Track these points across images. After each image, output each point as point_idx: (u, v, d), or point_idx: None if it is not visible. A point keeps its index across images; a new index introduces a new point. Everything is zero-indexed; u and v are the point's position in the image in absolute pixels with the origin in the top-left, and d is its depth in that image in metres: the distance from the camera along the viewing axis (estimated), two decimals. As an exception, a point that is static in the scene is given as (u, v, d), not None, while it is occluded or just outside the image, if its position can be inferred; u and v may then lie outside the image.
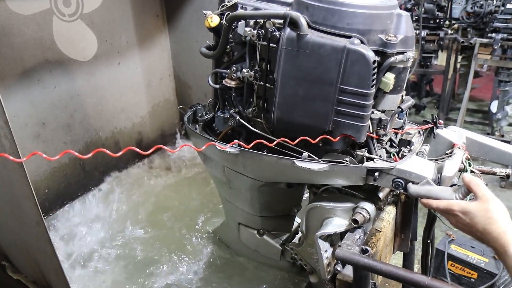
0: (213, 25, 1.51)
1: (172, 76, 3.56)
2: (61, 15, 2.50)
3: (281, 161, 1.41)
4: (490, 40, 4.77)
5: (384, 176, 1.36)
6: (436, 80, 6.67)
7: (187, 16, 3.23)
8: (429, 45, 5.78)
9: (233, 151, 1.47)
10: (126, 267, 2.27)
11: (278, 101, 1.41)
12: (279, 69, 1.37)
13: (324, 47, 1.29)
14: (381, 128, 1.45)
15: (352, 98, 1.31)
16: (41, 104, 2.55)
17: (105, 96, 2.99)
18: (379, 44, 1.33)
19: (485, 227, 1.12)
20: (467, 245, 2.95)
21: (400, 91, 1.45)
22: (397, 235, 1.89)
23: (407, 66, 1.41)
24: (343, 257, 1.33)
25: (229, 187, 1.77)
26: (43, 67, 2.50)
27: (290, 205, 1.89)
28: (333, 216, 1.48)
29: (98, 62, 2.85)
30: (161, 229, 2.57)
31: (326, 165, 1.37)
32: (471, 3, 5.28)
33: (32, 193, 1.40)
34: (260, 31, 1.39)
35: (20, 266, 1.97)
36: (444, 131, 1.67)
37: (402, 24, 1.36)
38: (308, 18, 1.32)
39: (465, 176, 1.23)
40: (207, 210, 2.72)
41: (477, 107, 6.86)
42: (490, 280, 2.76)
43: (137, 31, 3.10)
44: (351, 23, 1.29)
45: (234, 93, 1.55)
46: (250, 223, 1.91)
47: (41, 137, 2.59)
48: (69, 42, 2.60)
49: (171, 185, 3.10)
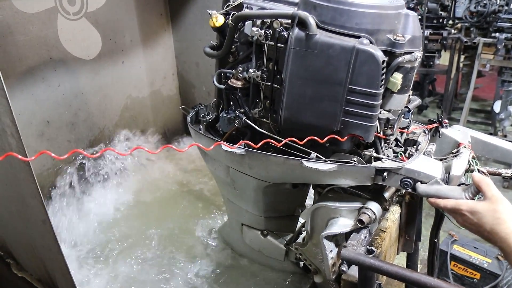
0: (218, 24, 1.51)
1: (176, 74, 3.56)
2: (66, 13, 2.50)
3: (289, 161, 1.41)
4: (494, 40, 4.76)
5: (393, 176, 1.35)
6: (439, 79, 6.66)
7: (191, 15, 3.23)
8: (432, 45, 5.77)
9: (240, 151, 1.47)
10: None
11: (286, 101, 1.41)
12: (287, 69, 1.37)
13: (333, 47, 1.28)
14: (388, 128, 1.45)
15: (361, 98, 1.31)
16: (45, 103, 2.55)
17: (109, 95, 2.99)
18: (387, 44, 1.32)
19: (493, 227, 1.12)
20: (470, 246, 2.94)
21: (407, 91, 1.45)
22: (402, 235, 1.89)
23: (415, 66, 1.41)
24: (349, 257, 1.32)
25: (233, 187, 1.76)
26: (48, 65, 2.50)
27: (294, 205, 1.89)
28: (338, 216, 1.48)
29: (102, 61, 2.85)
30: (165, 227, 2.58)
31: (334, 165, 1.36)
32: (474, 2, 5.27)
33: (38, 192, 1.41)
34: (268, 31, 1.39)
35: (25, 264, 1.97)
36: (449, 130, 1.67)
37: (410, 24, 1.35)
38: (316, 18, 1.32)
39: (474, 176, 1.23)
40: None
41: (480, 107, 6.86)
42: (493, 281, 2.75)
43: (141, 30, 3.10)
44: (359, 23, 1.29)
45: (240, 94, 1.55)
46: (254, 224, 1.90)
47: (45, 135, 2.60)
48: (74, 40, 2.61)
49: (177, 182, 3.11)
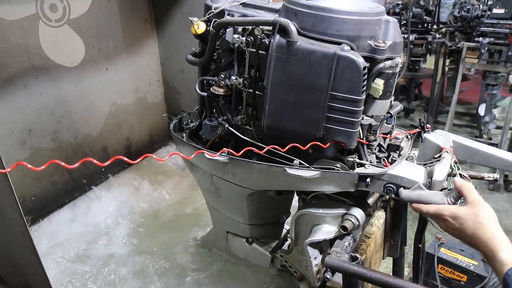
0: (199, 32, 1.50)
1: (161, 81, 3.54)
2: (48, 20, 2.47)
3: (272, 168, 1.40)
4: (477, 44, 4.81)
5: (376, 182, 1.35)
6: (425, 83, 6.72)
7: (175, 21, 3.22)
8: (418, 49, 5.82)
9: (223, 159, 1.46)
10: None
11: (268, 109, 1.40)
12: (268, 76, 1.36)
13: (315, 54, 1.28)
14: (371, 134, 1.45)
15: (343, 105, 1.31)
16: (27, 111, 2.51)
17: (93, 102, 2.96)
18: (368, 50, 1.32)
19: (475, 231, 1.12)
20: (456, 248, 2.95)
21: (389, 97, 1.45)
22: (387, 240, 1.89)
23: (396, 71, 1.41)
24: (333, 264, 1.31)
25: (217, 195, 1.74)
26: (29, 73, 2.46)
27: (279, 212, 1.88)
28: (322, 223, 1.47)
29: (86, 68, 2.82)
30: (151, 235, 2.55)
31: (317, 172, 1.36)
32: (458, 7, 5.34)
33: (16, 203, 1.38)
34: (249, 38, 1.38)
35: (4, 276, 1.93)
36: (432, 135, 1.67)
37: (390, 30, 1.36)
38: (297, 24, 1.31)
39: (456, 181, 1.23)
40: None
41: (466, 110, 6.93)
42: (479, 283, 2.76)
43: (125, 36, 3.07)
44: (340, 30, 1.29)
45: (223, 101, 1.53)
46: (239, 232, 1.89)
47: (27, 144, 2.55)
48: (56, 47, 2.57)
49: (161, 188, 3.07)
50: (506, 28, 4.63)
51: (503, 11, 4.64)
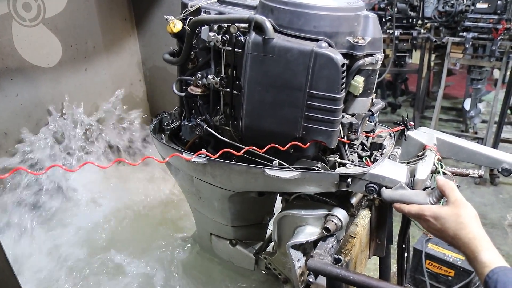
0: (175, 30, 1.46)
1: (143, 81, 3.47)
2: (21, 19, 2.39)
3: (251, 169, 1.36)
4: (462, 39, 4.84)
5: (357, 182, 1.32)
6: (411, 78, 6.75)
7: (156, 19, 3.15)
8: (403, 45, 5.84)
9: (201, 161, 1.41)
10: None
11: (245, 108, 1.36)
12: (245, 75, 1.32)
13: (291, 51, 1.24)
14: (352, 132, 1.42)
15: (321, 103, 1.27)
16: (1, 113, 2.43)
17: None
18: (347, 47, 1.29)
19: (456, 232, 1.11)
20: (444, 244, 2.96)
21: (370, 94, 1.41)
22: (373, 239, 1.86)
23: (376, 68, 1.38)
24: (315, 267, 1.28)
25: (199, 197, 1.70)
26: (3, 74, 2.38)
27: (262, 213, 1.84)
28: (304, 224, 1.44)
29: (63, 69, 2.74)
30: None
31: (297, 172, 1.32)
32: (442, 2, 5.36)
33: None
34: (225, 36, 1.33)
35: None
36: (415, 132, 1.65)
37: (370, 26, 1.32)
38: (273, 21, 1.27)
39: (438, 180, 1.22)
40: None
41: (452, 105, 6.98)
42: (466, 278, 2.78)
43: (104, 36, 3.00)
44: (317, 26, 1.25)
45: (200, 101, 1.49)
46: (222, 233, 1.85)
47: (3, 147, 2.48)
48: (31, 48, 2.49)
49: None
50: (489, 22, 4.66)
51: (487, 6, 4.67)
